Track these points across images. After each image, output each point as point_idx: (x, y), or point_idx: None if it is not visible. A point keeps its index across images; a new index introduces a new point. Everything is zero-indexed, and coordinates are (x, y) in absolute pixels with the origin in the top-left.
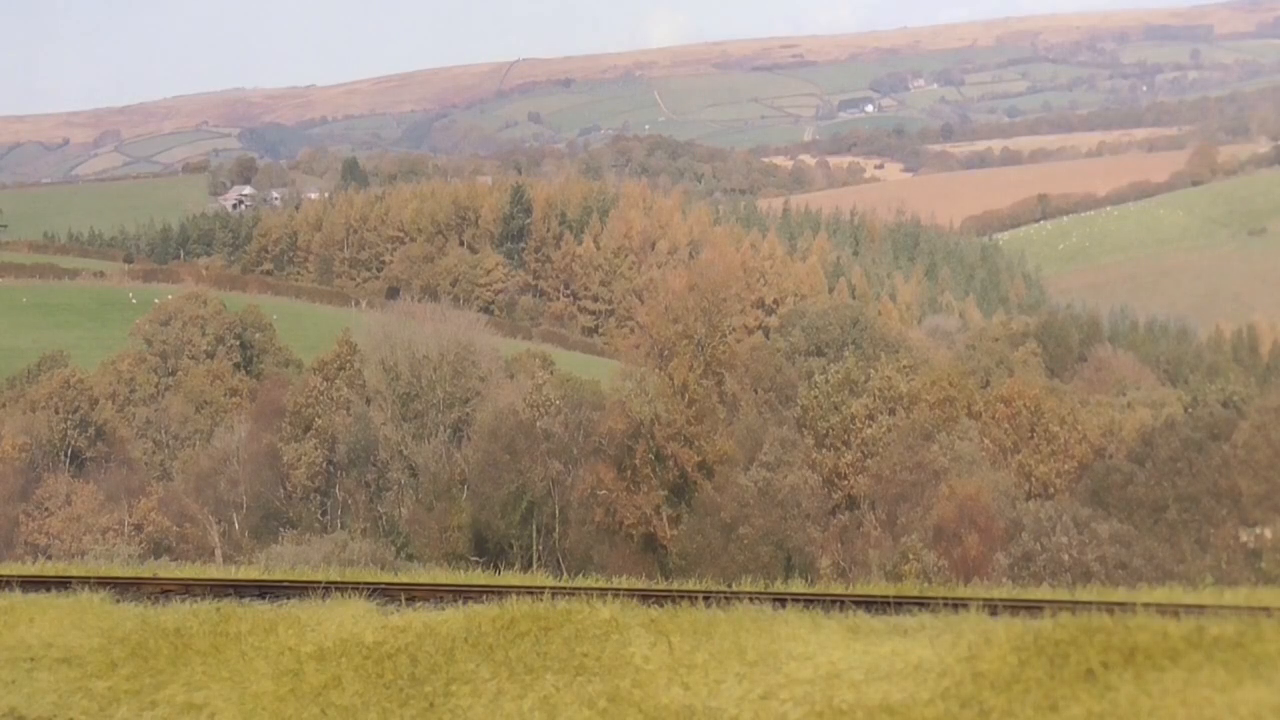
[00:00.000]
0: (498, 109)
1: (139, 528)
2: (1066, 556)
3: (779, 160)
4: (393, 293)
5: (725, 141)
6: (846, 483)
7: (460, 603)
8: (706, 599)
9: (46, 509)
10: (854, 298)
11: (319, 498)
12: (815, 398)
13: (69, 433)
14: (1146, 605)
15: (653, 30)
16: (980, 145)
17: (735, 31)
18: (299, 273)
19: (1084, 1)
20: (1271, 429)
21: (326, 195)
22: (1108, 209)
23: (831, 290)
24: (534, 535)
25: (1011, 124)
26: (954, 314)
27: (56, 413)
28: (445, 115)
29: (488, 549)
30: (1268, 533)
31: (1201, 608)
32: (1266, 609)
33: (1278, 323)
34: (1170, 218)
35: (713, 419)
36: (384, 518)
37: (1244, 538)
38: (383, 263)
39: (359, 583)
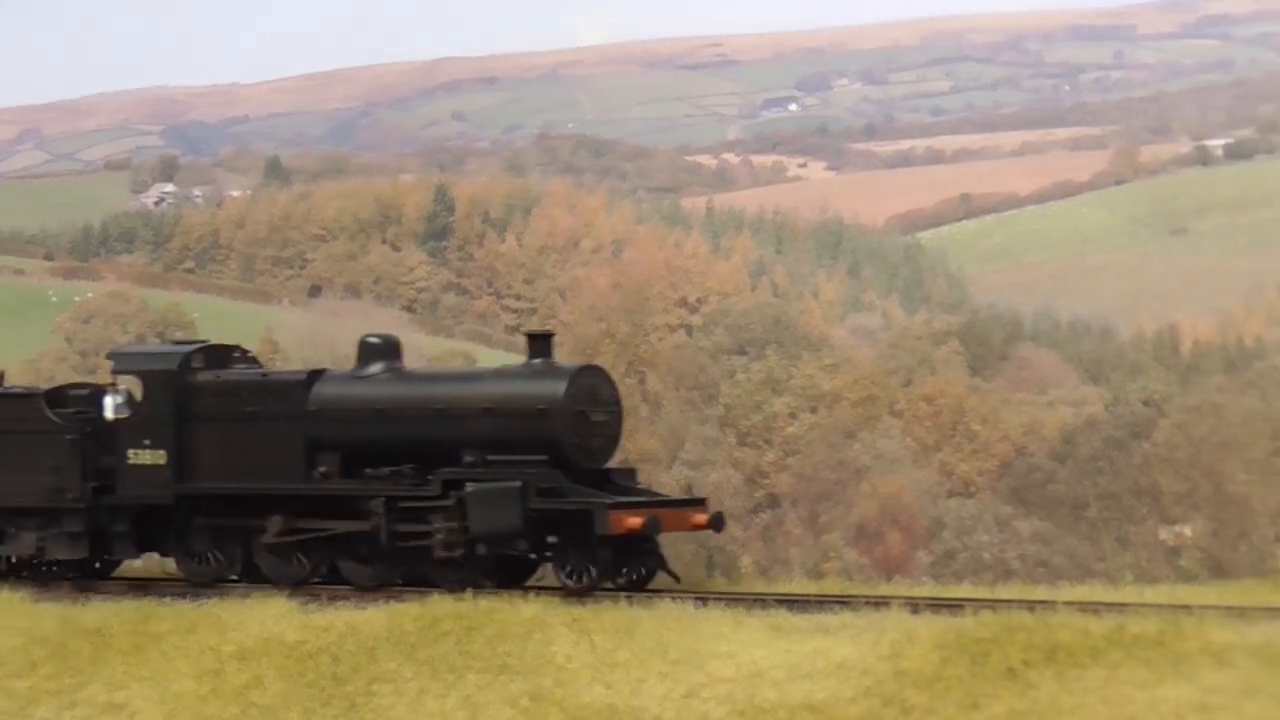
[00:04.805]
0: (421, 107)
1: None
2: (988, 554)
3: (703, 159)
4: (315, 291)
5: (650, 140)
6: (769, 481)
7: (383, 602)
8: (629, 598)
9: None
10: (777, 296)
11: None
12: (738, 396)
13: None
14: (1068, 603)
15: (579, 29)
16: (904, 144)
17: (662, 30)
18: (221, 271)
19: (1010, 2)
20: (1192, 427)
21: (249, 193)
22: (1031, 208)
23: (754, 289)
24: None
25: (935, 123)
26: (876, 313)
27: None
28: (369, 113)
29: None
30: (1188, 530)
31: (1122, 606)
32: (1187, 607)
33: (1198, 322)
34: (1093, 216)
35: (635, 417)
36: None
37: (1164, 535)
38: (305, 261)
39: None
